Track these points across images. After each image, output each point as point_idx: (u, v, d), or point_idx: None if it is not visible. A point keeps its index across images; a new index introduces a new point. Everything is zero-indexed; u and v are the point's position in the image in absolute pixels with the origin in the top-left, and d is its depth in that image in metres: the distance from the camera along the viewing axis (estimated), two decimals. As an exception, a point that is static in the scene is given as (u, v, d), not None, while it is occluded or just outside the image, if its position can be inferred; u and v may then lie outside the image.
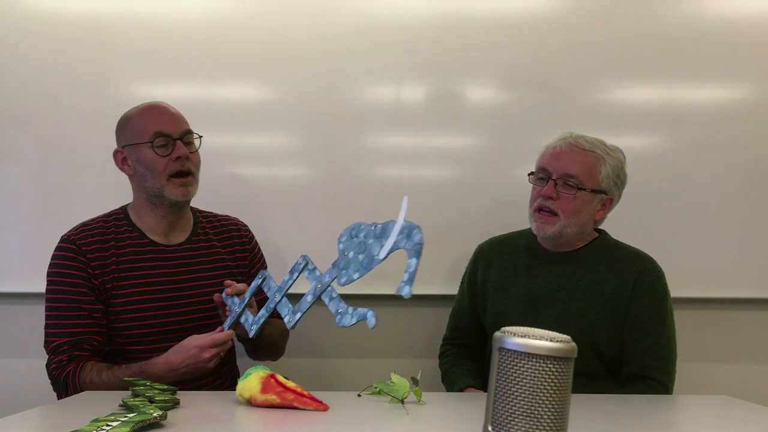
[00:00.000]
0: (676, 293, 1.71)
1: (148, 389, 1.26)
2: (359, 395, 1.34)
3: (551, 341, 0.76)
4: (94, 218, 1.62)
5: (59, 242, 1.58)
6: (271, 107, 2.04)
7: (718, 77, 2.06)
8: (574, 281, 1.67)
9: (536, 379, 0.76)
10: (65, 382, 1.47)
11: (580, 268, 1.69)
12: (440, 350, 1.89)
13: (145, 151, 1.56)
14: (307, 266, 1.29)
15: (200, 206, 1.74)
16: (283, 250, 1.95)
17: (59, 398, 1.49)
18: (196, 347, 1.40)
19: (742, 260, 2.06)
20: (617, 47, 2.04)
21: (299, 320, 1.28)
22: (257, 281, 1.40)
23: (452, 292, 1.92)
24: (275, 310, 1.35)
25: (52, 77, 2.00)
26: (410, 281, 1.07)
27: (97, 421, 1.03)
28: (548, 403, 0.76)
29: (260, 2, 2.02)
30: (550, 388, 0.76)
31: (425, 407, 1.28)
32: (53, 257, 1.57)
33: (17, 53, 1.99)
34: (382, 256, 1.14)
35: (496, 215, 2.00)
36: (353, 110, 2.04)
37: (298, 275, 1.30)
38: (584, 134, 1.67)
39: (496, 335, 0.80)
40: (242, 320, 1.42)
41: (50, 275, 1.56)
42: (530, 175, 1.71)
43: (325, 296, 1.23)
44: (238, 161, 2.04)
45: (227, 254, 1.69)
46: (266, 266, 1.76)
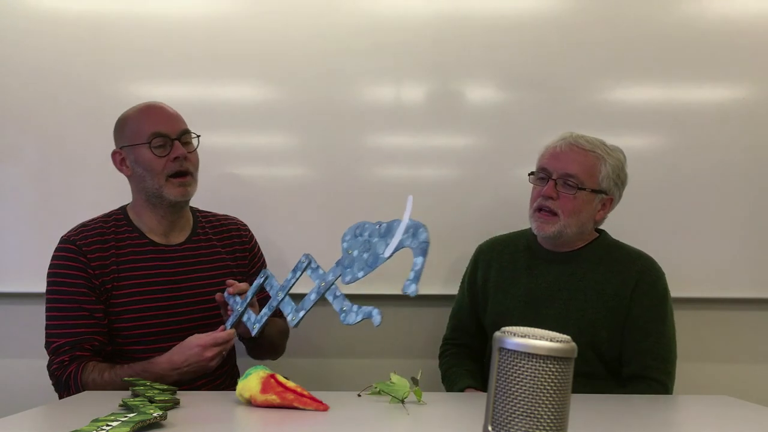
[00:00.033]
0: (676, 293, 1.71)
1: (148, 389, 1.26)
2: (359, 395, 1.34)
3: (551, 341, 0.76)
4: (93, 218, 1.62)
5: (59, 243, 1.58)
6: (271, 107, 2.04)
7: (718, 77, 2.06)
8: (574, 281, 1.67)
9: (536, 379, 0.76)
10: (67, 382, 1.47)
11: (580, 268, 1.69)
12: (440, 350, 1.89)
13: (143, 151, 1.56)
14: (310, 265, 1.29)
15: (200, 206, 1.74)
16: (283, 250, 1.95)
17: (61, 399, 1.49)
18: (198, 346, 1.40)
19: (742, 260, 2.06)
20: (617, 47, 2.04)
21: (302, 318, 1.28)
22: (259, 280, 1.40)
23: (452, 292, 1.92)
24: (276, 308, 1.35)
25: (52, 77, 2.00)
26: (416, 279, 1.07)
27: (97, 421, 1.03)
28: (548, 403, 0.76)
29: (260, 2, 2.02)
30: (550, 388, 0.76)
31: (425, 407, 1.28)
32: (53, 258, 1.57)
33: (17, 53, 1.99)
34: (387, 254, 1.14)
35: (496, 215, 2.00)
36: (353, 110, 2.04)
37: (301, 274, 1.30)
38: (584, 134, 1.67)
39: (496, 335, 0.80)
40: (244, 319, 1.42)
41: (50, 276, 1.56)
42: (530, 175, 1.71)
43: (329, 294, 1.23)
44: (238, 161, 2.04)
45: (227, 254, 1.69)
46: (266, 266, 1.76)
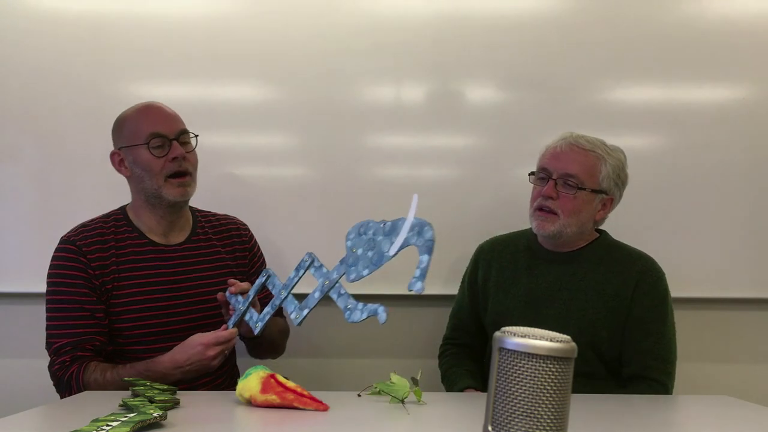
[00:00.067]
0: (676, 293, 1.70)
1: (148, 389, 1.26)
2: (359, 395, 1.34)
3: (551, 341, 0.76)
4: (93, 219, 1.62)
5: (59, 243, 1.58)
6: (271, 107, 2.04)
7: (718, 77, 2.06)
8: (575, 281, 1.67)
9: (536, 379, 0.76)
10: (69, 382, 1.47)
11: (581, 268, 1.69)
12: (440, 350, 1.89)
13: (141, 152, 1.55)
14: (313, 263, 1.29)
15: (200, 206, 1.74)
16: (283, 250, 1.95)
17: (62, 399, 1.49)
18: (201, 345, 1.40)
19: (742, 260, 2.06)
20: (617, 47, 2.04)
21: (306, 316, 1.28)
22: (261, 279, 1.40)
23: (452, 292, 1.92)
24: (278, 307, 1.35)
25: (52, 77, 2.00)
26: (422, 277, 1.07)
27: (97, 421, 1.03)
28: (548, 403, 0.76)
29: (260, 2, 2.02)
30: (550, 388, 0.76)
31: (425, 407, 1.28)
32: (53, 258, 1.56)
33: (17, 53, 1.99)
34: (392, 252, 1.14)
35: (496, 215, 2.00)
36: (353, 110, 2.04)
37: (304, 272, 1.30)
38: (584, 134, 1.67)
39: (496, 335, 0.80)
40: (247, 318, 1.43)
41: (51, 276, 1.56)
42: (531, 175, 1.70)
43: (333, 293, 1.23)
44: (238, 161, 2.04)
45: (227, 254, 1.69)
46: (266, 266, 1.76)
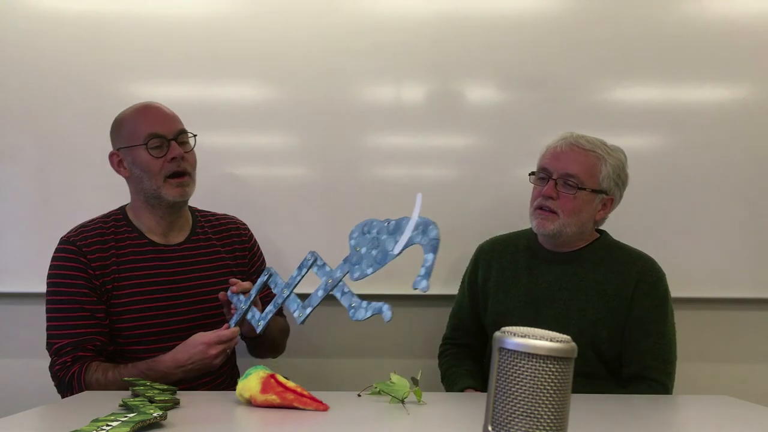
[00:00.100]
0: (676, 293, 1.70)
1: (148, 389, 1.26)
2: (359, 395, 1.34)
3: (551, 341, 0.76)
4: (92, 219, 1.62)
5: (59, 244, 1.57)
6: (271, 107, 2.04)
7: (718, 77, 2.06)
8: (575, 281, 1.67)
9: (536, 379, 0.76)
10: (70, 383, 1.47)
11: (581, 268, 1.69)
12: (440, 350, 1.89)
13: (140, 153, 1.55)
14: (316, 262, 1.29)
15: (200, 206, 1.74)
16: (283, 250, 1.95)
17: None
18: (202, 344, 1.40)
19: (742, 260, 2.06)
20: (617, 47, 2.04)
21: (309, 315, 1.28)
22: (263, 278, 1.40)
23: (452, 292, 1.92)
24: (280, 306, 1.35)
25: (52, 77, 2.00)
26: (427, 275, 1.08)
27: (97, 421, 1.03)
28: (548, 403, 0.76)
29: (260, 2, 2.02)
30: (550, 388, 0.76)
31: (425, 407, 1.28)
32: (53, 259, 1.56)
33: (17, 53, 1.99)
34: (396, 251, 1.14)
35: (496, 215, 2.00)
36: (353, 110, 2.04)
37: (306, 271, 1.30)
38: (585, 134, 1.67)
39: (496, 335, 0.80)
40: (248, 317, 1.43)
41: (51, 277, 1.55)
42: (531, 175, 1.71)
43: (336, 291, 1.23)
44: (237, 161, 2.04)
45: (227, 253, 1.69)
46: (266, 265, 1.76)
